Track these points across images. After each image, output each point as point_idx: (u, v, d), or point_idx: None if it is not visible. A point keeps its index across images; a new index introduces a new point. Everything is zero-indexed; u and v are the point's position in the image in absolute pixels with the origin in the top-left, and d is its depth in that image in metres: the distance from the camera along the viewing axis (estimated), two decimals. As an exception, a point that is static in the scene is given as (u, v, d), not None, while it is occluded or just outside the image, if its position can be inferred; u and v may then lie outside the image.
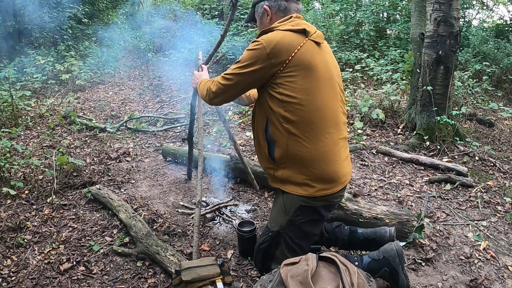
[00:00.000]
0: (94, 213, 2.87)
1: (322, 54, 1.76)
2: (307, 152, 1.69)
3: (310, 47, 1.70)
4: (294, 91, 1.66)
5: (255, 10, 1.94)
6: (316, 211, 1.79)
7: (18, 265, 2.31)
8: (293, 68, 1.65)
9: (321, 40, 1.79)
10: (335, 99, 1.78)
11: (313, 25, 8.02)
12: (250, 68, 1.69)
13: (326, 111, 1.72)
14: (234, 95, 1.84)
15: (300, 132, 1.68)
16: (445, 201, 2.99)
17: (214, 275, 2.02)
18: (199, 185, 2.34)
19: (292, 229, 1.78)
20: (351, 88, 5.69)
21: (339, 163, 1.78)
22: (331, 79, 1.76)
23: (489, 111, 5.12)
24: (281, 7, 1.83)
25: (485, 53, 6.95)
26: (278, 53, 1.64)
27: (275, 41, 1.65)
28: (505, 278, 2.15)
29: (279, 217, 1.82)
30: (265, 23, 1.88)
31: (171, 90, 6.89)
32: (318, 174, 1.71)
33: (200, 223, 2.42)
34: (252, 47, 1.69)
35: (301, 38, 1.70)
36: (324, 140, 1.72)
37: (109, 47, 9.49)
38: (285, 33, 1.69)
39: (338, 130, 1.79)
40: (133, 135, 4.64)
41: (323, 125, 1.71)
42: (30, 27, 8.30)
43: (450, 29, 3.74)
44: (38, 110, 5.41)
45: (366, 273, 1.61)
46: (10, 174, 3.31)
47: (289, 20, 1.77)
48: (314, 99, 1.68)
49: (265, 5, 1.85)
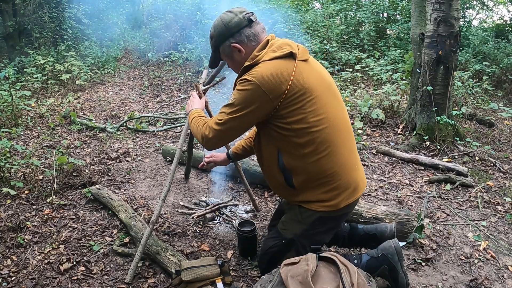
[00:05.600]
0: (94, 213, 2.87)
1: (313, 69, 1.70)
2: (329, 170, 1.68)
3: (302, 69, 1.63)
4: (303, 118, 1.60)
5: (221, 52, 1.80)
6: (335, 220, 1.81)
7: (18, 265, 2.31)
8: (294, 96, 1.59)
9: (307, 55, 1.72)
10: (341, 107, 1.77)
11: (313, 25, 8.05)
12: (247, 109, 1.60)
13: (337, 122, 1.70)
14: (232, 137, 1.75)
15: (318, 153, 1.65)
16: (445, 201, 2.99)
17: (214, 275, 2.02)
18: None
19: (307, 237, 1.76)
20: (351, 88, 5.69)
21: (357, 169, 1.79)
22: (330, 89, 1.73)
23: (489, 111, 5.12)
24: (250, 37, 1.71)
25: (485, 53, 6.95)
26: (274, 87, 1.56)
27: (268, 76, 1.56)
28: (505, 278, 2.15)
29: (294, 225, 1.80)
30: (239, 60, 1.76)
31: (171, 90, 6.89)
32: (341, 186, 1.71)
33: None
34: (244, 87, 1.60)
35: (291, 62, 1.62)
36: (343, 151, 1.71)
37: (109, 47, 9.48)
38: (274, 64, 1.60)
39: (350, 137, 1.79)
40: (133, 135, 4.64)
41: (338, 138, 1.69)
42: (30, 27, 8.30)
43: (450, 29, 3.74)
44: (38, 110, 5.41)
45: (366, 273, 1.61)
46: (10, 174, 3.31)
47: (268, 46, 1.67)
48: (325, 116, 1.65)
49: (232, 44, 1.72)
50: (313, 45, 6.94)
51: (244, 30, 1.70)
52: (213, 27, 1.78)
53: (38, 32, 8.28)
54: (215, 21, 1.77)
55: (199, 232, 2.61)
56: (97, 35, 9.61)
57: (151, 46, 9.25)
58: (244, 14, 1.72)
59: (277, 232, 1.87)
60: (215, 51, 1.82)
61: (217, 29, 1.75)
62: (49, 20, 8.36)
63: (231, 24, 1.70)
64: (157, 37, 9.33)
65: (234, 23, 1.70)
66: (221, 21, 1.74)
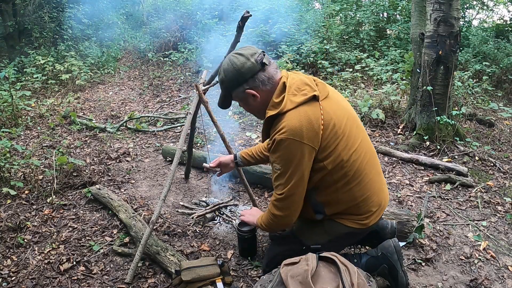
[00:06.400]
0: (94, 213, 2.87)
1: (335, 103, 1.68)
2: (360, 196, 1.71)
3: (327, 108, 1.61)
4: (337, 156, 1.61)
5: (233, 96, 1.73)
6: (359, 236, 1.87)
7: (18, 265, 2.31)
8: (328, 137, 1.58)
9: (327, 90, 1.68)
10: (363, 132, 1.78)
11: (313, 25, 8.04)
12: (297, 168, 1.57)
13: (365, 150, 1.73)
14: (300, 202, 1.69)
15: (350, 183, 1.67)
16: (445, 201, 2.99)
17: (214, 275, 2.02)
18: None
19: (330, 247, 1.77)
20: (351, 88, 5.69)
21: (383, 189, 1.84)
22: (352, 117, 1.74)
23: (489, 111, 5.12)
24: (264, 81, 1.63)
25: (485, 53, 6.95)
26: (310, 134, 1.54)
27: (299, 127, 1.52)
28: (505, 278, 2.15)
29: (318, 235, 1.82)
30: (255, 105, 1.70)
31: (171, 90, 6.89)
32: (372, 208, 1.75)
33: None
34: (281, 147, 1.55)
35: (316, 106, 1.58)
36: (372, 176, 1.74)
37: (109, 47, 9.48)
38: (300, 112, 1.55)
39: (376, 160, 1.83)
40: (133, 135, 4.64)
41: (367, 165, 1.72)
42: (30, 27, 8.30)
43: (450, 29, 3.74)
44: (38, 110, 5.41)
45: (366, 273, 1.61)
46: (10, 174, 3.31)
47: (287, 89, 1.60)
48: (355, 149, 1.66)
49: (246, 90, 1.64)
50: (313, 45, 6.93)
51: (258, 76, 1.62)
52: (223, 71, 1.67)
53: (38, 32, 8.28)
54: (224, 65, 1.67)
55: (199, 232, 2.61)
56: (97, 35, 9.61)
57: (151, 46, 9.25)
58: (256, 57, 1.61)
59: (295, 237, 1.88)
60: (226, 95, 1.74)
61: (228, 75, 1.65)
62: (49, 20, 8.36)
63: (244, 70, 1.61)
64: (157, 37, 9.33)
65: (247, 69, 1.61)
66: (232, 66, 1.63)
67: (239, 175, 2.63)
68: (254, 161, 2.24)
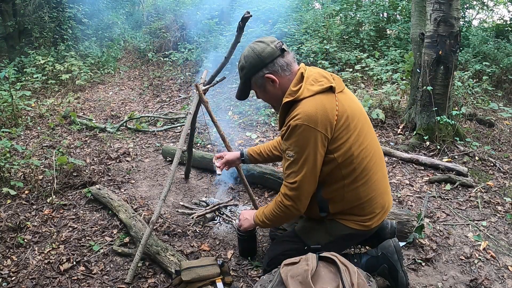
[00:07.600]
0: (94, 213, 2.87)
1: (349, 99, 1.70)
2: (365, 196, 1.72)
3: (342, 100, 1.64)
4: (348, 149, 1.62)
5: (252, 83, 1.75)
6: (361, 238, 1.87)
7: (18, 265, 2.31)
8: (341, 128, 1.60)
9: (343, 85, 1.71)
10: (373, 134, 1.80)
11: (313, 25, 8.04)
12: (311, 154, 1.58)
13: (375, 150, 1.74)
14: (312, 188, 1.68)
15: (357, 181, 1.68)
16: (445, 201, 2.99)
17: (214, 275, 2.02)
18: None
19: (331, 247, 1.77)
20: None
21: (388, 192, 1.84)
22: (364, 117, 1.75)
23: (489, 111, 5.12)
24: (283, 66, 1.68)
25: (485, 53, 6.95)
26: (324, 122, 1.56)
27: (314, 114, 1.55)
28: (505, 278, 2.15)
29: (320, 235, 1.83)
30: (273, 91, 1.72)
31: (171, 90, 6.89)
32: (375, 209, 1.76)
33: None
34: (296, 133, 1.57)
35: (332, 97, 1.61)
36: (378, 177, 1.75)
37: (109, 47, 9.48)
38: (316, 100, 1.58)
39: (383, 162, 1.83)
40: (133, 135, 4.64)
41: (374, 165, 1.73)
42: (30, 27, 8.31)
43: (450, 29, 3.74)
44: (38, 110, 5.41)
45: (366, 273, 1.61)
46: (10, 174, 3.31)
47: (305, 79, 1.64)
48: (365, 146, 1.68)
49: (266, 74, 1.68)
50: (313, 45, 6.93)
51: (277, 60, 1.66)
52: (244, 57, 1.72)
53: (38, 32, 8.29)
54: (245, 52, 1.72)
55: (199, 232, 2.61)
56: (97, 35, 9.61)
57: (151, 46, 9.26)
58: (276, 44, 1.68)
59: (297, 237, 1.88)
60: (246, 82, 1.76)
61: (248, 60, 1.69)
62: (49, 20, 8.36)
63: (264, 54, 1.66)
64: (157, 37, 9.33)
65: (267, 53, 1.66)
66: (252, 52, 1.68)
67: (239, 175, 2.63)
68: (262, 159, 2.23)
